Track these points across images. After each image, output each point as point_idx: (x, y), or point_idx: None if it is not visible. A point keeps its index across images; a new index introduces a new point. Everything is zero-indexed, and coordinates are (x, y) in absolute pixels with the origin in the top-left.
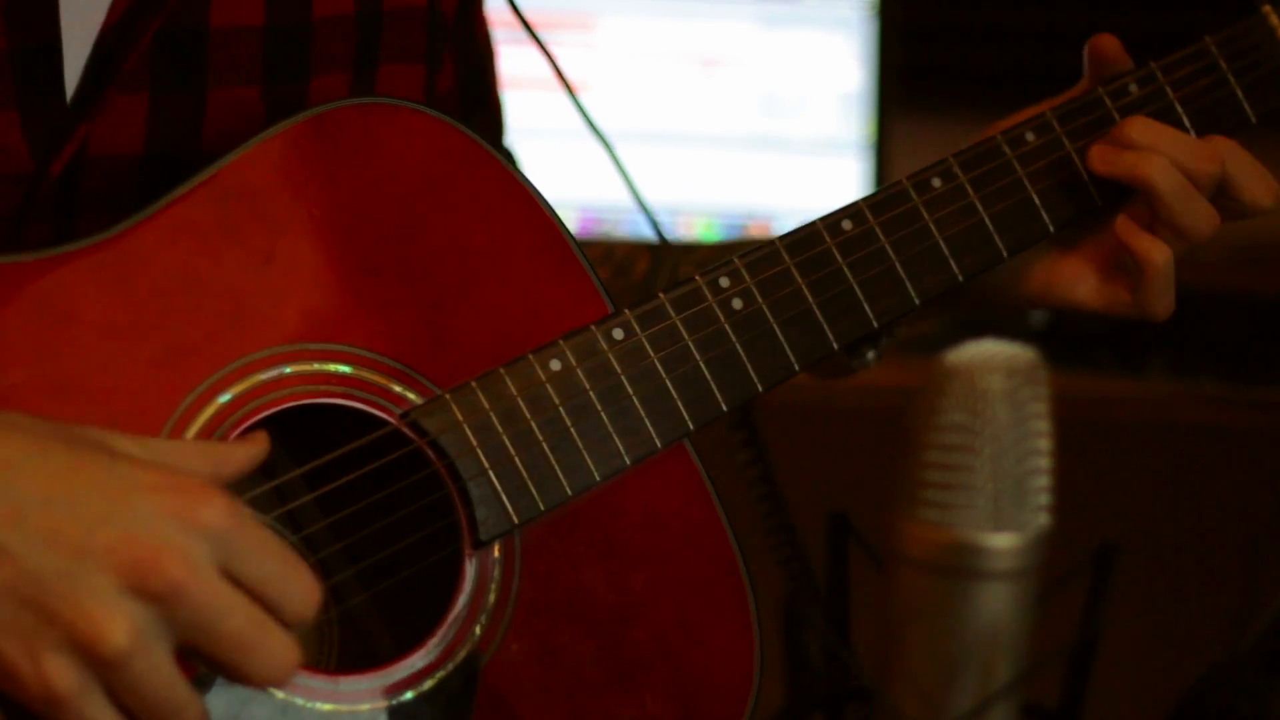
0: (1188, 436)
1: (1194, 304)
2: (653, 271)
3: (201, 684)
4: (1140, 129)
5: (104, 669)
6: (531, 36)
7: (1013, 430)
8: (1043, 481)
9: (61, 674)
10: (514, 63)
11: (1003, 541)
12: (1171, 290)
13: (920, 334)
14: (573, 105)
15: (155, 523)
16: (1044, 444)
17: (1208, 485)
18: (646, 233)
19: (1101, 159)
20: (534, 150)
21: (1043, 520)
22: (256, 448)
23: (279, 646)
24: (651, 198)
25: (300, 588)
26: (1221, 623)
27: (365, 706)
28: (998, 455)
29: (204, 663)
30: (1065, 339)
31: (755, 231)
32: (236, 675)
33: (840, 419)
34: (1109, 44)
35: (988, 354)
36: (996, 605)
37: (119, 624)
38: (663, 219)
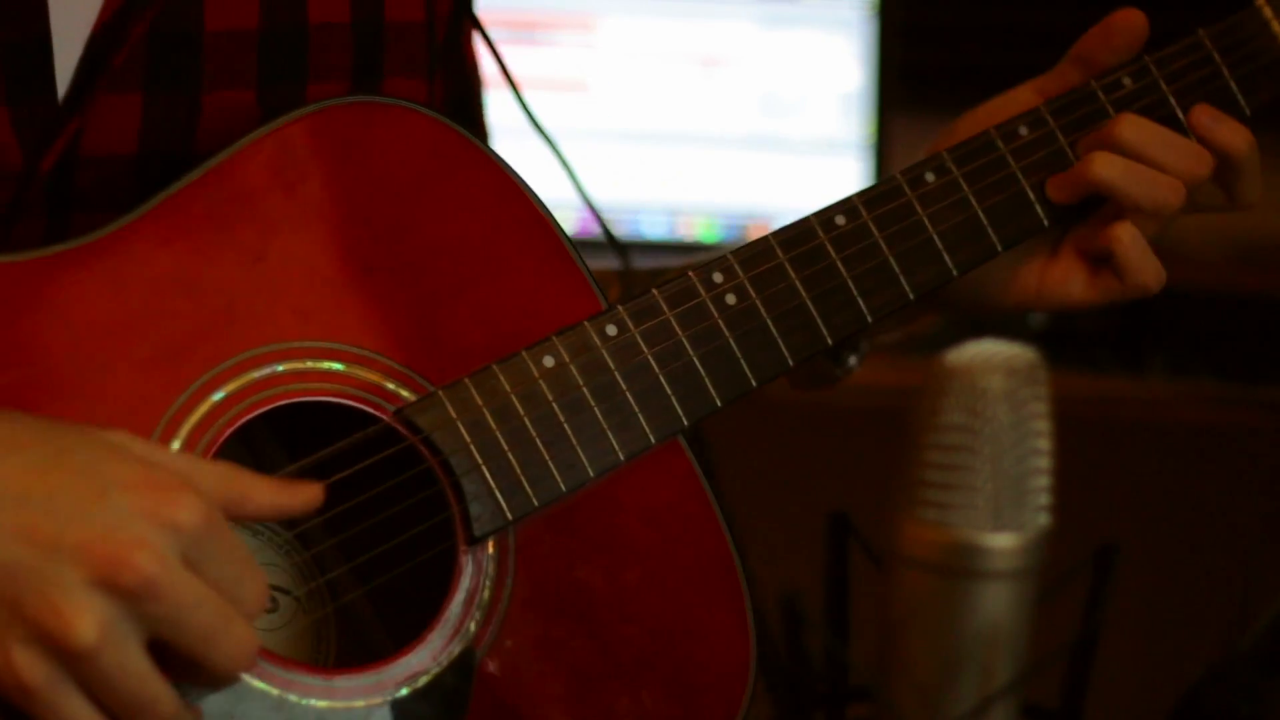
0: (1188, 436)
1: (1194, 304)
2: (623, 297)
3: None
4: (1131, 128)
5: (73, 663)
6: (483, 36)
7: (1013, 430)
8: (1043, 481)
9: (31, 667)
10: (513, 62)
11: (1003, 541)
12: (1152, 260)
13: (920, 334)
14: (516, 101)
15: (129, 519)
16: (1044, 444)
17: (1208, 485)
18: (645, 233)
19: (1057, 187)
20: (533, 150)
21: (1043, 520)
22: (289, 498)
23: (241, 634)
24: (651, 198)
25: (253, 591)
26: (1221, 623)
27: (360, 703)
28: (998, 455)
29: (170, 654)
30: (1065, 339)
31: (755, 232)
32: (201, 665)
33: (840, 419)
34: (1137, 22)
35: (988, 354)
36: (996, 605)
37: (86, 619)
38: (663, 219)
